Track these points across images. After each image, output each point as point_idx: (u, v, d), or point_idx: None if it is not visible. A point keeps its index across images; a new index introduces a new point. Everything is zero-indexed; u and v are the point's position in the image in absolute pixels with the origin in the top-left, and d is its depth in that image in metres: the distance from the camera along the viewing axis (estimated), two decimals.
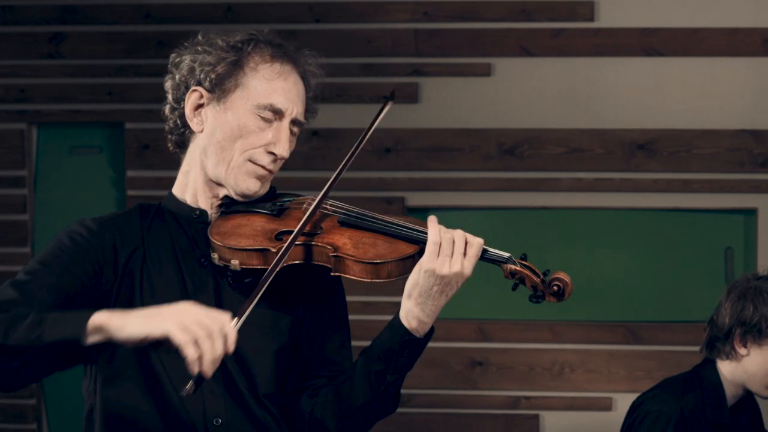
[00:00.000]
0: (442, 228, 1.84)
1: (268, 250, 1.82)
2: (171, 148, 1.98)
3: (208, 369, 1.61)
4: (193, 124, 1.92)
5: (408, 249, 1.84)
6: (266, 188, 1.94)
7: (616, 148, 4.17)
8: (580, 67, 4.17)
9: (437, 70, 4.22)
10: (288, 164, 4.63)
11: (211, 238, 1.86)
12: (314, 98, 2.00)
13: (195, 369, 1.61)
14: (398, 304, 1.89)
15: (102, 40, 4.34)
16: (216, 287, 1.88)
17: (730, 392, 2.84)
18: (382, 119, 2.01)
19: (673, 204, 4.17)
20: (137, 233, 1.91)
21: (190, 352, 1.59)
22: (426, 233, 1.84)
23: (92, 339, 1.64)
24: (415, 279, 1.82)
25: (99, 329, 1.63)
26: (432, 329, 1.86)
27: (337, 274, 1.84)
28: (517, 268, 1.88)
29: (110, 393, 1.87)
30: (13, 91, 4.38)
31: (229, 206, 1.92)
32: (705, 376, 2.84)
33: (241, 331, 1.82)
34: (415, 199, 4.21)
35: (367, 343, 1.92)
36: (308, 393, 1.91)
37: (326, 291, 1.95)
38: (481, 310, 4.27)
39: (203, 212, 1.92)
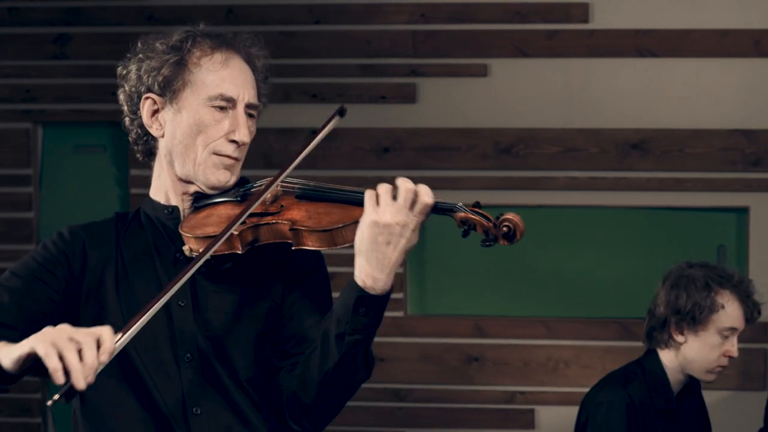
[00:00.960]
0: (381, 185, 1.82)
1: (232, 234, 1.85)
2: (140, 158, 2.00)
3: (78, 380, 1.61)
4: (153, 130, 1.95)
5: (361, 212, 1.82)
6: (237, 176, 1.97)
7: (610, 147, 4.22)
8: (575, 68, 4.22)
9: (434, 70, 4.27)
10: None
11: (181, 232, 1.90)
12: (265, 79, 2.00)
13: (58, 379, 1.61)
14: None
15: (106, 41, 4.39)
16: (191, 280, 1.89)
17: (674, 379, 2.89)
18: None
19: (666, 202, 4.22)
20: (111, 237, 1.96)
21: (51, 363, 1.60)
22: None
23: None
24: (360, 232, 1.79)
25: None
26: (391, 289, 1.82)
27: (298, 247, 1.84)
28: (468, 214, 1.83)
29: (91, 387, 1.86)
30: (18, 91, 4.43)
31: (200, 200, 1.95)
32: (647, 365, 2.89)
33: (220, 319, 1.88)
34: None
35: None
36: (287, 369, 1.92)
37: (305, 272, 1.95)
38: (477, 306, 4.32)
39: (175, 208, 1.96)
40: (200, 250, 1.86)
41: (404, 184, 1.80)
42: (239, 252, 1.86)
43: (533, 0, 4.22)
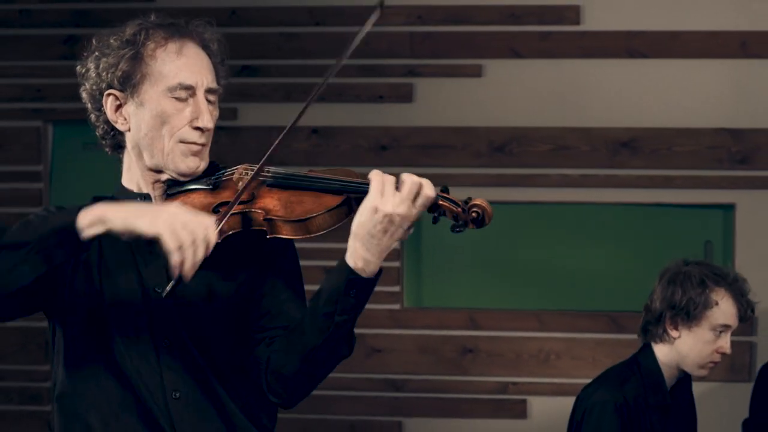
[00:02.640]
0: (387, 175, 1.85)
1: None
2: (109, 152, 2.04)
3: (189, 273, 1.75)
4: (119, 125, 1.97)
5: (333, 201, 1.85)
6: (206, 162, 1.99)
7: (600, 145, 4.27)
8: (567, 69, 4.27)
9: (431, 71, 4.32)
10: (289, 160, 4.79)
11: None
12: (222, 62, 2.01)
13: (176, 273, 1.76)
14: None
15: None
16: (167, 268, 1.87)
17: (668, 374, 2.94)
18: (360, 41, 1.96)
19: (655, 199, 4.27)
20: None
21: (174, 258, 1.75)
22: (355, 184, 1.88)
23: (90, 231, 1.77)
24: (360, 218, 1.82)
25: (99, 219, 1.78)
26: (380, 271, 1.85)
27: (273, 236, 1.86)
28: (438, 201, 1.84)
29: (71, 371, 1.94)
30: (29, 91, 4.50)
31: (172, 187, 1.97)
32: (642, 361, 2.94)
33: (196, 305, 1.92)
34: None
35: None
36: (265, 342, 1.94)
37: (275, 252, 1.98)
38: (471, 299, 4.38)
39: (147, 197, 1.99)
40: None
41: (410, 177, 1.83)
42: (217, 242, 1.86)
43: (527, 2, 4.28)
